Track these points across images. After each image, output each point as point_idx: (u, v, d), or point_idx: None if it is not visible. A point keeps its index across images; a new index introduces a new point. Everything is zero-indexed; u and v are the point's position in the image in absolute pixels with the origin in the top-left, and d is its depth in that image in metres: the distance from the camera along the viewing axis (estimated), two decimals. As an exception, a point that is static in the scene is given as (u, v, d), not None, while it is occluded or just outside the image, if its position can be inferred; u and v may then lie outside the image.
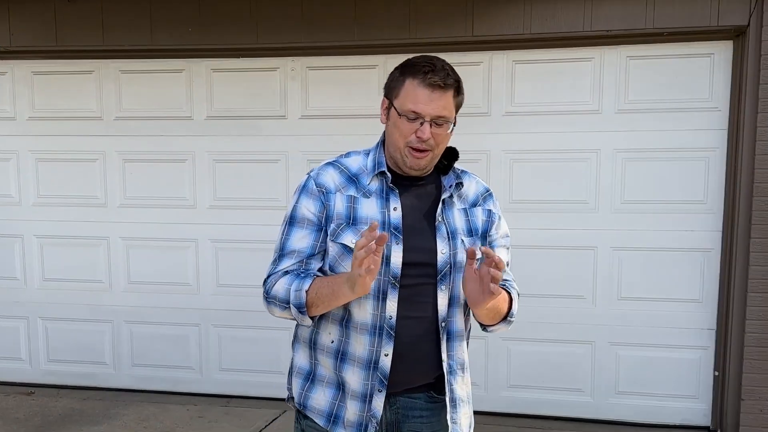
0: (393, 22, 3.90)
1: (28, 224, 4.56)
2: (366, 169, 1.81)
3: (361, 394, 1.75)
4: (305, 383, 1.85)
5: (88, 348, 4.58)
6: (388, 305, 1.72)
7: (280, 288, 1.74)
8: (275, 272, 1.78)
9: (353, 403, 1.76)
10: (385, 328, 1.73)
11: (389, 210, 1.76)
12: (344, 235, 1.73)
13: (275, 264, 1.80)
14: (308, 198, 1.78)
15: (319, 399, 1.82)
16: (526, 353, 4.12)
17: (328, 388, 1.81)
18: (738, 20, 3.62)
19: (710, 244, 3.89)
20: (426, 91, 1.70)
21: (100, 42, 4.21)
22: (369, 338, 1.73)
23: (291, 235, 1.79)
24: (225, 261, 4.36)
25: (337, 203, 1.76)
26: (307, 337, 1.85)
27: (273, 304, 1.77)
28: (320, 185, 1.78)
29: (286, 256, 1.78)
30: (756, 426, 3.73)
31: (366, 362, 1.74)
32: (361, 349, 1.74)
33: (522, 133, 4.00)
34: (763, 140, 3.61)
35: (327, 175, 1.79)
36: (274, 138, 4.24)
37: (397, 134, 1.75)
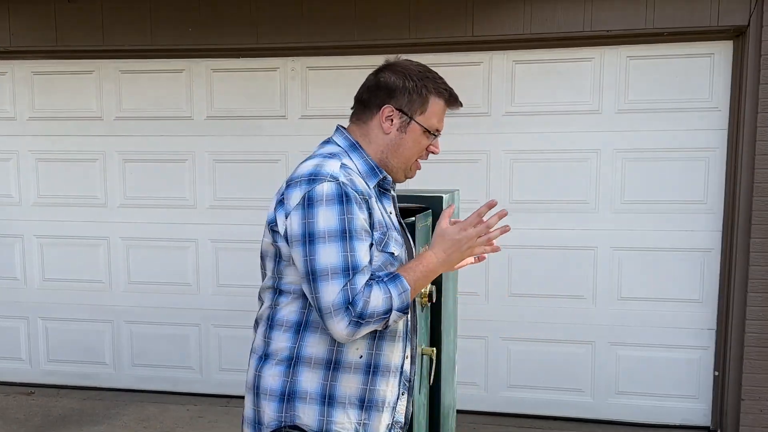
0: (393, 22, 3.91)
1: (28, 224, 4.56)
2: (361, 173, 1.71)
3: (392, 402, 1.73)
4: (323, 408, 1.66)
5: (88, 348, 4.58)
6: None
7: (379, 301, 1.57)
8: (358, 291, 1.56)
9: (383, 415, 1.71)
10: (407, 331, 1.76)
11: (388, 214, 1.76)
12: (391, 244, 1.68)
13: (351, 284, 1.56)
14: (357, 206, 1.59)
15: (343, 422, 1.66)
16: (526, 353, 4.12)
17: (351, 409, 1.67)
18: (738, 20, 3.62)
19: (710, 244, 3.89)
20: (446, 110, 1.79)
21: (100, 42, 4.21)
22: (402, 344, 1.74)
23: (356, 250, 1.58)
24: (225, 261, 4.36)
25: (375, 210, 1.66)
26: (321, 358, 1.66)
27: (367, 324, 1.57)
28: (360, 192, 1.62)
29: (359, 273, 1.57)
30: (756, 426, 3.73)
31: (397, 369, 1.73)
32: (396, 356, 1.72)
33: (522, 133, 4.00)
34: (763, 140, 3.61)
35: (357, 181, 1.64)
36: (274, 138, 4.25)
37: (415, 149, 1.75)
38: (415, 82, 1.71)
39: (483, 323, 4.08)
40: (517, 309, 4.09)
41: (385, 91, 1.71)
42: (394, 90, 1.71)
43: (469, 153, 4.03)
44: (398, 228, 1.77)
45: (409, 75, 1.72)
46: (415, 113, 1.71)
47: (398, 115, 1.71)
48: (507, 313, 4.10)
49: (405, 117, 1.71)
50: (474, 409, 4.10)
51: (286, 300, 1.68)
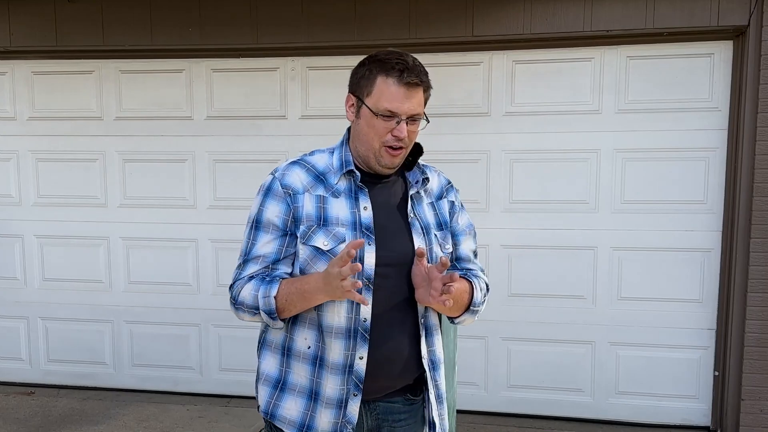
0: (393, 22, 3.91)
1: (28, 224, 4.56)
2: (332, 168, 1.75)
3: (337, 400, 1.70)
4: (274, 391, 1.77)
5: (88, 348, 4.58)
6: (362, 308, 1.68)
7: (247, 294, 1.70)
8: (240, 278, 1.74)
9: (327, 411, 1.70)
10: (360, 331, 1.68)
11: (359, 210, 1.71)
12: (315, 237, 1.68)
13: (240, 269, 1.76)
14: (273, 200, 1.72)
15: (290, 408, 1.74)
16: (526, 353, 4.12)
17: (300, 397, 1.73)
18: (738, 20, 3.62)
19: (710, 244, 3.89)
20: (402, 89, 1.66)
21: (100, 42, 4.21)
22: (344, 342, 1.68)
23: (257, 240, 1.73)
24: (225, 261, 4.35)
25: (306, 204, 1.70)
26: (279, 344, 1.77)
27: (241, 310, 1.73)
28: (286, 186, 1.71)
29: (251, 261, 1.74)
30: (756, 426, 3.73)
31: (341, 367, 1.69)
32: (336, 353, 1.69)
33: (522, 133, 4.00)
34: (763, 140, 3.61)
35: (293, 174, 1.73)
36: (274, 138, 4.24)
37: (372, 134, 1.69)
38: (366, 66, 1.72)
39: (483, 323, 4.07)
40: (517, 309, 4.09)
41: (349, 83, 1.77)
42: (351, 78, 1.76)
43: (469, 153, 4.03)
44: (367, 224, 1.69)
45: (366, 60, 1.74)
46: (363, 96, 1.71)
47: (355, 101, 1.74)
48: (507, 313, 4.10)
49: (359, 101, 1.72)
50: (474, 409, 4.10)
51: None
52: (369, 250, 1.68)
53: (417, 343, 1.79)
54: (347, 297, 1.56)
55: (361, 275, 1.66)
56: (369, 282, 1.68)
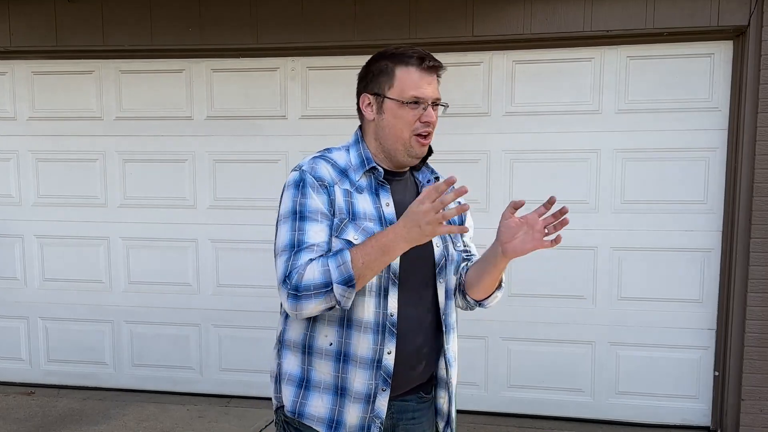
0: (393, 22, 3.91)
1: (28, 224, 4.56)
2: (352, 165, 1.75)
3: (365, 395, 1.71)
4: (299, 390, 1.76)
5: (88, 348, 4.58)
6: (389, 302, 1.70)
7: (315, 273, 1.58)
8: (297, 266, 1.60)
9: (356, 406, 1.71)
10: (388, 325, 1.70)
11: (382, 206, 1.73)
12: (347, 231, 1.67)
13: (292, 260, 1.62)
14: (312, 191, 1.67)
15: (317, 406, 1.74)
16: (526, 353, 4.12)
17: (326, 394, 1.73)
18: (738, 20, 3.62)
19: (710, 244, 3.89)
20: (424, 75, 1.72)
21: (100, 42, 4.21)
22: (373, 337, 1.69)
23: (306, 230, 1.64)
24: (225, 261, 4.36)
25: (338, 197, 1.69)
26: (298, 342, 1.75)
27: (306, 297, 1.59)
28: (319, 178, 1.69)
29: (304, 250, 1.62)
30: (756, 426, 3.73)
31: (370, 362, 1.70)
32: (365, 348, 1.69)
33: (522, 133, 4.00)
34: (763, 140, 3.61)
35: (321, 168, 1.71)
36: (274, 138, 4.25)
37: (401, 125, 1.72)
38: (379, 62, 1.76)
39: (483, 323, 4.08)
40: (517, 309, 4.09)
41: (359, 84, 1.80)
42: (363, 79, 1.79)
43: (469, 153, 4.03)
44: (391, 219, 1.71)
45: (376, 58, 1.78)
46: (385, 90, 1.73)
47: (374, 99, 1.76)
48: (507, 313, 4.10)
49: (379, 98, 1.74)
50: (474, 409, 4.10)
51: None
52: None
53: (436, 340, 1.83)
54: (439, 233, 1.54)
55: (388, 269, 1.68)
56: (395, 277, 1.70)
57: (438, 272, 1.81)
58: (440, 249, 1.81)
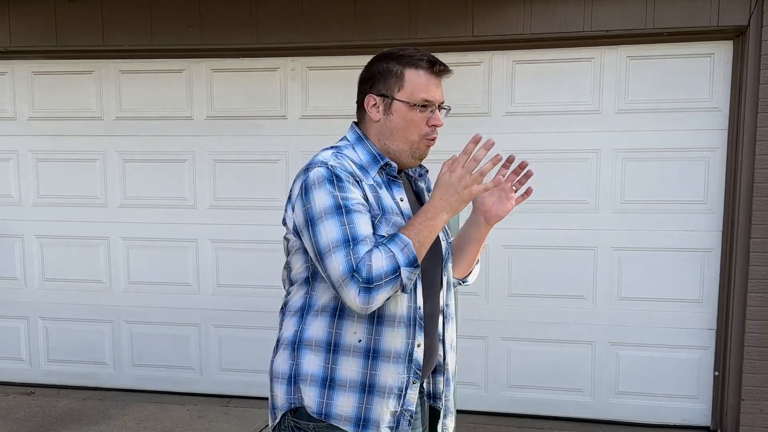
0: (393, 22, 3.91)
1: (28, 224, 4.56)
2: (364, 162, 1.74)
3: (397, 389, 1.70)
4: (323, 390, 1.70)
5: (88, 348, 4.58)
6: (417, 295, 1.72)
7: (382, 262, 1.55)
8: (361, 258, 1.55)
9: (387, 401, 1.70)
10: (417, 319, 1.72)
11: (397, 201, 1.74)
12: (381, 227, 1.65)
13: (353, 254, 1.56)
14: (348, 185, 1.63)
15: (344, 405, 1.69)
16: (526, 353, 4.11)
17: (352, 392, 1.69)
18: (738, 20, 3.62)
19: (710, 244, 3.89)
20: (434, 78, 1.74)
21: (100, 42, 4.21)
22: (405, 331, 1.70)
23: (356, 222, 1.59)
24: (225, 261, 4.36)
25: (367, 192, 1.67)
26: (322, 340, 1.70)
27: (378, 287, 1.55)
28: (349, 173, 1.65)
29: (360, 243, 1.57)
30: (756, 426, 3.73)
31: (403, 356, 1.70)
32: (398, 342, 1.69)
33: (522, 133, 4.00)
34: (763, 140, 3.61)
35: (347, 163, 1.68)
36: (274, 138, 4.24)
37: (411, 127, 1.73)
38: (387, 63, 1.75)
39: (483, 323, 4.08)
40: (517, 309, 4.09)
41: (364, 85, 1.78)
42: (370, 79, 1.77)
43: (469, 153, 4.02)
44: (408, 213, 1.73)
45: (382, 59, 1.77)
46: (394, 92, 1.73)
47: (380, 100, 1.75)
48: (507, 313, 4.10)
49: (387, 99, 1.74)
50: (474, 409, 4.10)
51: (294, 288, 1.76)
52: None
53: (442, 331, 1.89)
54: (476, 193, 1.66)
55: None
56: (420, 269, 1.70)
57: (444, 265, 1.86)
58: (446, 242, 1.85)
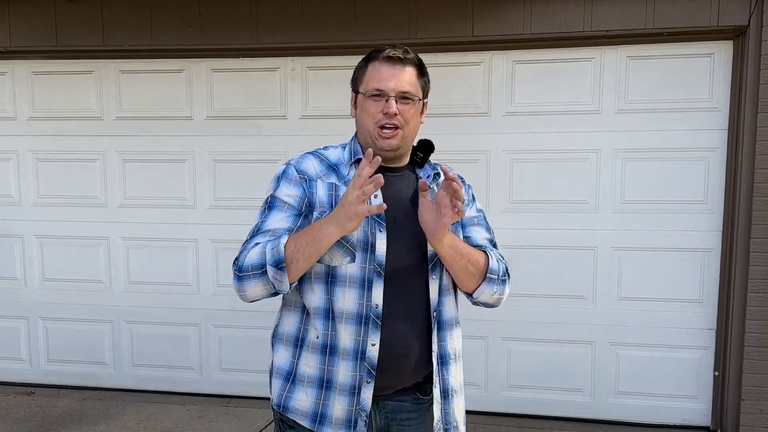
0: (393, 22, 3.91)
1: (28, 224, 4.56)
2: (344, 160, 1.81)
3: (350, 386, 1.72)
4: (286, 384, 1.78)
5: (88, 348, 4.58)
6: (374, 294, 1.70)
7: (254, 255, 1.66)
8: (247, 248, 1.70)
9: (341, 399, 1.72)
10: (372, 317, 1.70)
11: (370, 198, 1.71)
12: None
13: (247, 243, 1.72)
14: (288, 183, 1.76)
15: (301, 400, 1.76)
16: (526, 353, 4.12)
17: (310, 388, 1.75)
18: (738, 20, 3.62)
19: (710, 244, 3.89)
20: (387, 66, 1.73)
21: (100, 42, 4.21)
22: (355, 328, 1.70)
23: (269, 218, 1.73)
24: (225, 261, 4.35)
25: (319, 191, 1.74)
26: (291, 335, 1.79)
27: (246, 278, 1.66)
28: (301, 171, 1.76)
29: (259, 234, 1.71)
30: (756, 426, 3.73)
31: (353, 353, 1.71)
32: (348, 339, 1.71)
33: (522, 133, 4.00)
34: (763, 140, 3.61)
35: (307, 162, 1.79)
36: (274, 138, 4.24)
37: (365, 117, 1.76)
38: (360, 63, 1.82)
39: (483, 323, 4.08)
40: (517, 309, 4.09)
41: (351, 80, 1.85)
42: (353, 76, 1.84)
43: (469, 153, 4.03)
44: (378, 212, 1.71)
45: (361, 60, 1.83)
46: (359, 87, 1.80)
47: (353, 97, 1.82)
48: (507, 313, 4.09)
49: (354, 94, 1.81)
50: (474, 409, 4.09)
51: None
52: (380, 237, 1.72)
53: (429, 338, 1.79)
54: (363, 216, 1.56)
55: (373, 261, 1.70)
56: (380, 268, 1.71)
57: (431, 268, 1.78)
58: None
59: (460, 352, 1.87)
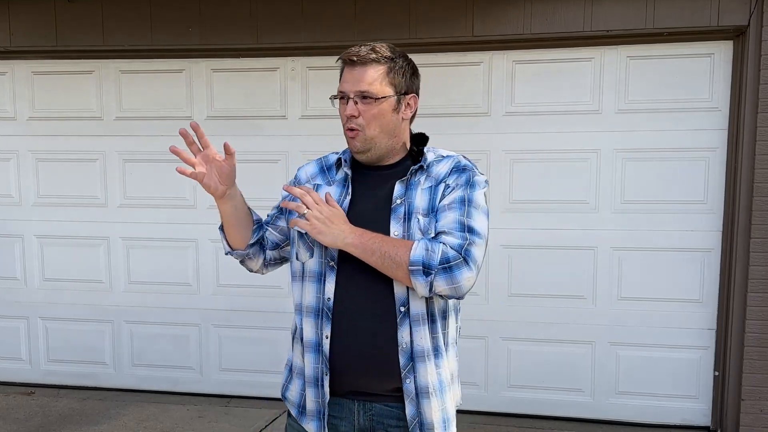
0: (393, 22, 3.91)
1: (28, 224, 4.56)
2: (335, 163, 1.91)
3: (314, 378, 1.78)
4: (289, 375, 1.92)
5: (88, 348, 4.58)
6: (326, 287, 1.75)
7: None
8: None
9: (310, 390, 1.80)
10: (324, 309, 1.75)
11: (345, 196, 1.81)
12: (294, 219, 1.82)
13: None
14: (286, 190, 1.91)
15: (293, 390, 1.88)
16: (526, 353, 4.12)
17: (298, 379, 1.86)
18: (738, 20, 3.62)
19: (710, 244, 3.89)
20: (347, 69, 1.76)
21: (100, 42, 4.21)
22: (314, 320, 1.78)
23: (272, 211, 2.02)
24: (225, 261, 4.34)
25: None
26: (293, 329, 1.90)
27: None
28: (296, 177, 1.96)
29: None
30: (756, 426, 3.73)
31: (314, 345, 1.78)
32: (310, 332, 1.78)
33: (522, 133, 4.00)
34: (763, 140, 3.61)
35: (304, 168, 1.95)
36: (274, 138, 4.24)
37: (342, 120, 1.80)
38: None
39: (483, 323, 4.08)
40: (517, 309, 4.09)
41: None
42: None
43: (469, 153, 3.94)
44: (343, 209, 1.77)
45: None
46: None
47: None
48: (507, 313, 4.10)
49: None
50: (474, 409, 4.10)
51: None
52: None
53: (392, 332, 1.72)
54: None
55: (326, 254, 1.76)
56: (333, 262, 1.75)
57: None
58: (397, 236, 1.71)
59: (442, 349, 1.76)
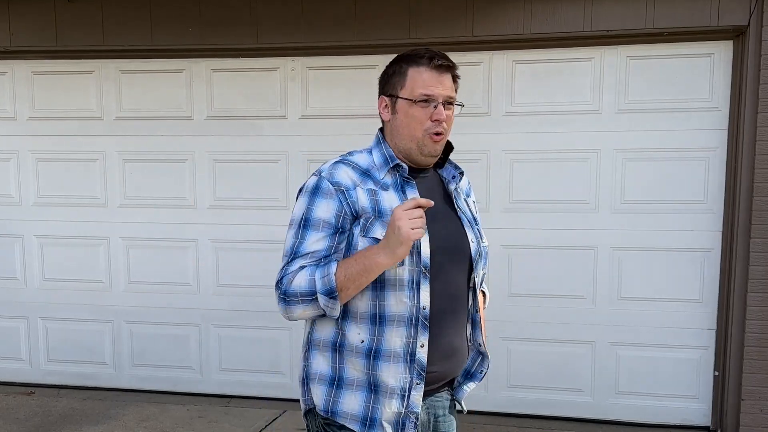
0: (393, 22, 3.91)
1: (28, 224, 4.56)
2: (375, 165, 1.79)
3: (400, 389, 1.71)
4: (330, 389, 1.76)
5: (88, 348, 4.58)
6: (421, 296, 1.71)
7: (302, 281, 1.67)
8: (289, 272, 1.69)
9: (390, 401, 1.72)
10: (420, 318, 1.71)
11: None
12: (374, 229, 1.70)
13: (288, 266, 1.71)
14: (324, 198, 1.71)
15: (350, 403, 1.74)
16: (526, 353, 4.11)
17: (359, 391, 1.73)
18: (738, 20, 3.62)
19: (710, 244, 3.89)
20: (434, 74, 1.75)
21: (100, 42, 4.21)
22: (405, 330, 1.71)
23: (306, 238, 1.70)
24: (225, 261, 4.36)
25: (360, 198, 1.72)
26: (328, 341, 1.76)
27: (294, 302, 1.68)
28: (336, 184, 1.72)
29: (300, 257, 1.70)
30: (756, 426, 3.73)
31: (403, 356, 1.71)
32: (398, 342, 1.71)
33: (522, 133, 4.00)
34: (763, 140, 3.61)
35: (341, 172, 1.74)
36: (274, 138, 4.24)
37: (413, 124, 1.76)
38: (394, 64, 1.81)
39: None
40: (517, 309, 4.09)
41: (379, 89, 1.85)
42: (381, 83, 1.84)
43: (469, 153, 4.02)
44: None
45: (392, 61, 1.82)
46: (397, 91, 1.78)
47: (389, 101, 1.80)
48: (507, 313, 4.10)
49: (393, 99, 1.79)
50: (474, 409, 4.05)
51: None
52: (424, 239, 1.71)
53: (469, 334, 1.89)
54: (414, 239, 1.58)
55: (419, 263, 1.70)
56: (426, 270, 1.71)
57: (474, 267, 1.84)
58: (475, 244, 1.83)
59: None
